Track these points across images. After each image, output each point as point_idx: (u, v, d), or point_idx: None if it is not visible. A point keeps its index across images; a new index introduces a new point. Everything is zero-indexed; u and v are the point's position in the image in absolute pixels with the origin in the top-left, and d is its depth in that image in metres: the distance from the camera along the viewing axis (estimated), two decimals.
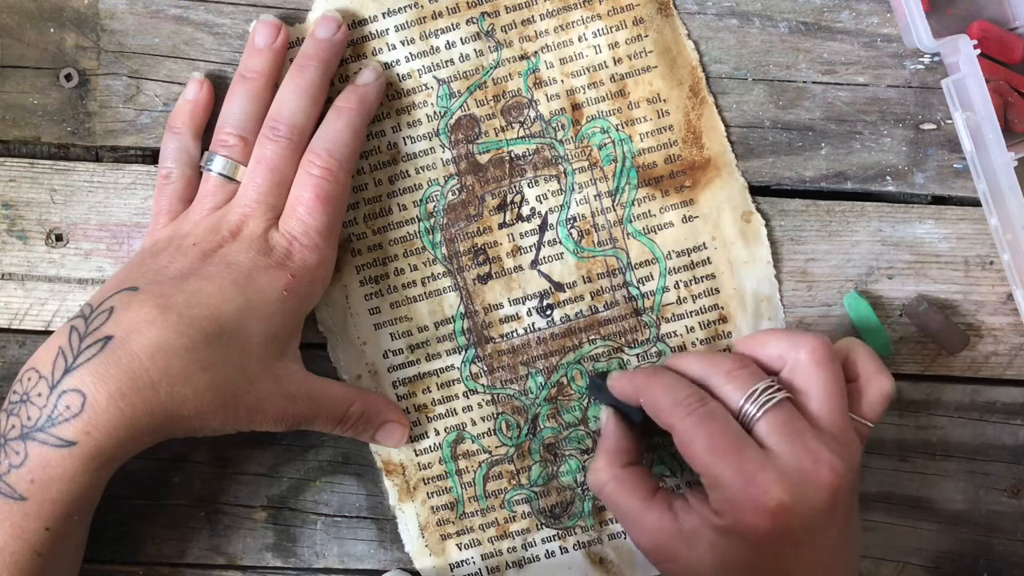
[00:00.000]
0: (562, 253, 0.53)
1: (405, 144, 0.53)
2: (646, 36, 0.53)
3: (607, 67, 0.53)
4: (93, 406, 0.42)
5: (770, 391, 0.45)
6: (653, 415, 0.47)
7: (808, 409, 0.45)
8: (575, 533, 0.54)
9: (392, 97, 0.53)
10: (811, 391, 0.46)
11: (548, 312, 0.53)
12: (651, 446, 0.53)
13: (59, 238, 0.53)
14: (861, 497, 0.50)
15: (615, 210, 0.53)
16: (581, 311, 0.53)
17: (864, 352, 0.48)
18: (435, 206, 0.53)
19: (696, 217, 0.53)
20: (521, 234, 0.53)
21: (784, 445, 0.44)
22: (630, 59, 0.53)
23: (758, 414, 0.45)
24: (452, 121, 0.53)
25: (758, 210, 0.53)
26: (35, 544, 0.43)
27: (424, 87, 0.53)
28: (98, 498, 0.47)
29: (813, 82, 0.54)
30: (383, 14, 0.52)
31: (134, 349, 0.43)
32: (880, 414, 0.47)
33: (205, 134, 0.52)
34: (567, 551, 0.54)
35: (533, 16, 0.52)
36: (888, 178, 0.54)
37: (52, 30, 0.53)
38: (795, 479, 0.43)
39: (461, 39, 0.52)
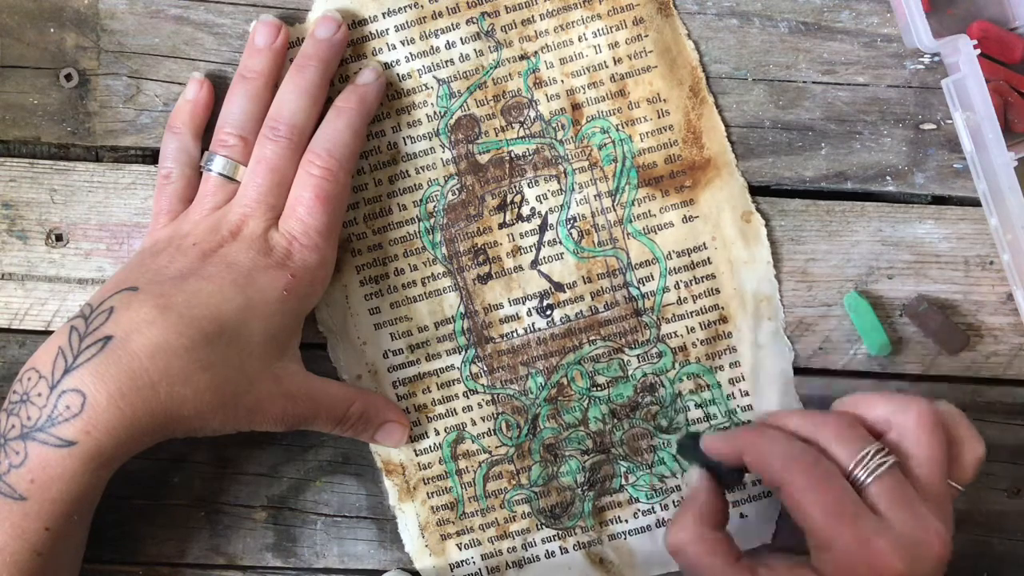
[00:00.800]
0: (562, 253, 0.53)
1: (405, 144, 0.53)
2: (646, 36, 0.53)
3: (607, 67, 0.53)
4: (93, 406, 0.42)
5: (880, 455, 0.44)
6: (760, 471, 0.45)
7: (913, 475, 0.44)
8: (575, 533, 0.54)
9: (392, 97, 0.53)
10: (920, 457, 0.44)
11: (548, 312, 0.53)
12: (651, 446, 0.53)
13: (59, 238, 0.53)
14: None
15: (615, 210, 0.53)
16: (581, 311, 0.53)
17: (960, 418, 0.47)
18: (435, 206, 0.53)
19: (696, 217, 0.53)
20: (521, 234, 0.53)
21: (897, 513, 0.43)
22: (630, 59, 0.53)
23: (869, 479, 0.43)
24: (452, 121, 0.53)
25: (758, 210, 0.53)
26: (35, 544, 0.43)
27: (424, 87, 0.53)
28: (98, 498, 0.47)
29: (813, 82, 0.54)
30: (383, 14, 0.52)
31: (134, 349, 0.43)
32: (972, 478, 0.46)
33: (205, 134, 0.52)
34: (567, 551, 0.54)
35: (533, 16, 0.52)
36: (888, 178, 0.54)
37: (52, 30, 0.53)
38: (910, 549, 0.42)
39: (461, 39, 0.52)
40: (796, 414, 0.47)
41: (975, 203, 0.54)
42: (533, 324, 0.53)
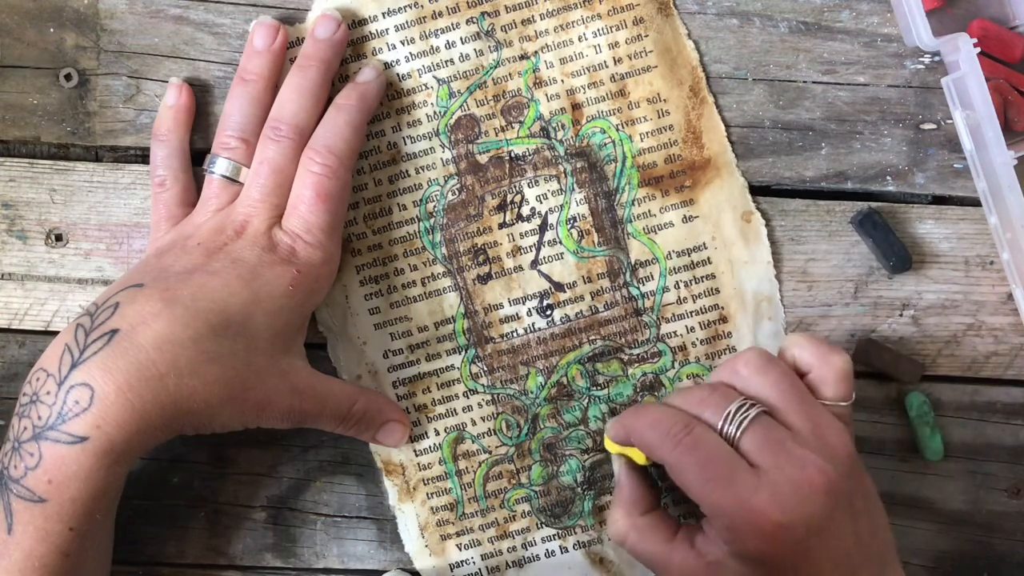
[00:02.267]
0: (562, 253, 0.53)
1: (405, 144, 0.53)
2: (646, 36, 0.53)
3: (607, 67, 0.53)
4: (102, 399, 0.43)
5: (744, 409, 0.45)
6: (645, 451, 0.47)
7: (779, 417, 0.45)
8: (575, 533, 0.54)
9: (392, 97, 0.53)
10: (769, 399, 0.45)
11: (548, 312, 0.53)
12: None
13: (59, 238, 0.53)
14: None
15: (615, 210, 0.53)
16: (581, 311, 0.53)
17: (805, 342, 0.47)
18: (435, 206, 0.53)
19: (696, 217, 0.53)
20: (521, 234, 0.53)
21: (770, 458, 0.43)
22: (630, 59, 0.53)
23: (738, 433, 0.44)
24: (452, 121, 0.53)
25: (758, 210, 0.53)
26: (60, 545, 0.43)
27: (424, 87, 0.53)
28: (118, 495, 0.47)
29: (813, 82, 0.54)
30: (383, 14, 0.52)
31: (140, 341, 0.43)
32: (848, 390, 0.47)
33: (193, 134, 0.52)
34: (567, 551, 0.54)
35: (533, 16, 0.52)
36: (888, 178, 0.54)
37: (52, 30, 0.53)
38: (787, 493, 0.43)
39: (461, 39, 0.52)
40: (670, 395, 0.48)
41: (975, 203, 0.54)
42: (533, 324, 0.53)
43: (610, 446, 0.50)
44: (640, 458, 0.49)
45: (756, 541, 0.43)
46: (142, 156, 0.54)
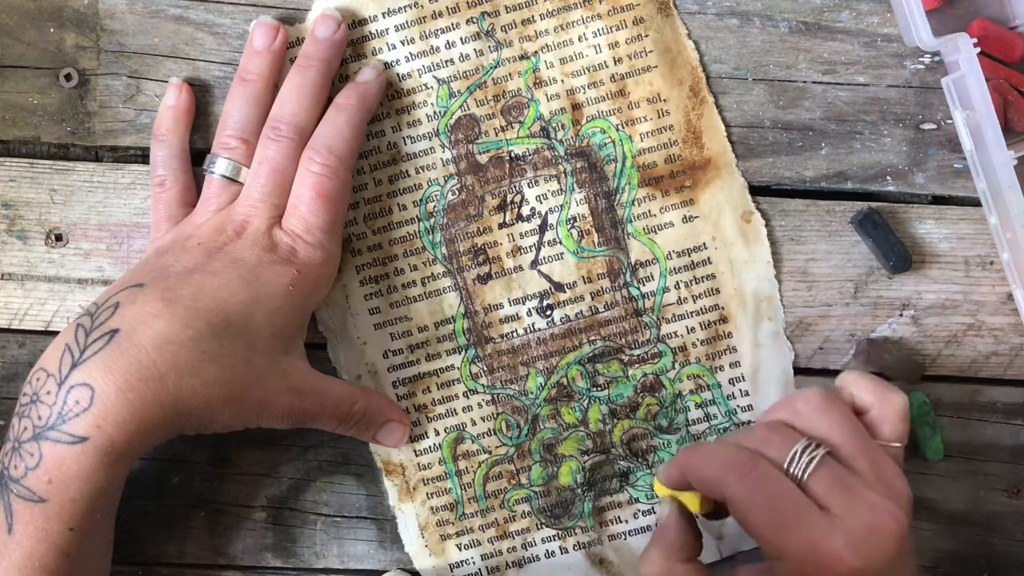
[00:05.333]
0: (562, 253, 0.53)
1: (405, 144, 0.53)
2: (646, 36, 0.53)
3: (607, 67, 0.53)
4: (102, 399, 0.42)
5: (810, 449, 0.43)
6: (705, 489, 0.45)
7: (841, 458, 0.43)
8: (575, 533, 0.54)
9: (392, 97, 0.53)
10: (831, 440, 0.44)
11: (548, 312, 0.53)
12: (652, 447, 0.53)
13: (59, 238, 0.53)
14: None
15: (615, 210, 0.53)
16: (581, 311, 0.53)
17: (863, 381, 0.46)
18: (435, 206, 0.53)
19: (696, 217, 0.53)
20: (521, 234, 0.53)
21: (841, 501, 0.42)
22: (630, 59, 0.53)
23: (805, 474, 0.42)
24: (452, 121, 0.53)
25: (758, 210, 0.53)
26: (61, 545, 0.43)
27: (424, 87, 0.53)
28: (118, 495, 0.47)
29: (813, 82, 0.54)
30: (383, 14, 0.52)
31: (140, 341, 0.43)
32: (904, 431, 0.46)
33: (193, 134, 0.52)
34: (567, 551, 0.54)
35: (533, 16, 0.52)
36: (888, 178, 0.54)
37: (52, 30, 0.53)
38: (863, 540, 0.41)
39: (461, 39, 0.52)
40: (726, 438, 0.46)
41: (975, 203, 0.54)
42: (533, 324, 0.53)
43: (660, 489, 0.48)
44: (693, 504, 0.46)
45: None
46: (142, 156, 0.54)
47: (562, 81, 0.53)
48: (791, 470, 0.43)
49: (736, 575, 0.45)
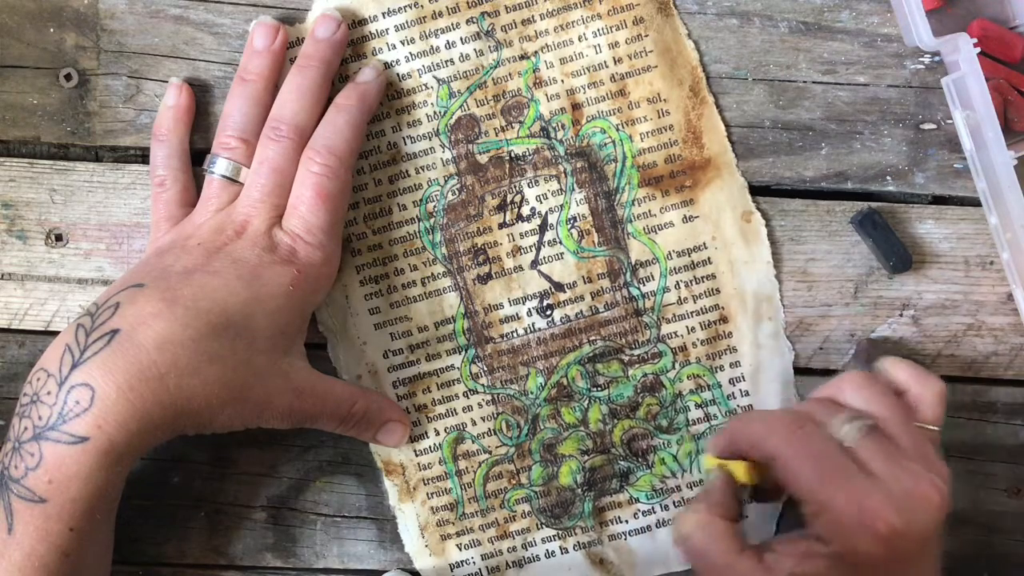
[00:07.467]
0: (562, 253, 0.53)
1: (405, 144, 0.53)
2: (646, 36, 0.53)
3: (607, 67, 0.53)
4: (102, 399, 0.43)
5: (855, 418, 0.44)
6: (753, 448, 0.46)
7: (886, 434, 0.45)
8: (575, 533, 0.54)
9: (392, 97, 0.53)
10: (874, 414, 0.45)
11: (548, 312, 0.53)
12: (652, 447, 0.53)
13: (59, 238, 0.53)
14: None
15: (615, 210, 0.53)
16: (581, 311, 0.53)
17: (902, 363, 0.48)
18: (435, 206, 0.53)
19: (696, 217, 0.53)
20: (521, 234, 0.53)
21: (885, 467, 0.43)
22: (630, 59, 0.53)
23: (851, 442, 0.44)
24: (452, 121, 0.53)
25: (758, 210, 0.53)
26: (61, 546, 0.43)
27: (424, 87, 0.53)
28: (119, 496, 0.47)
29: (813, 82, 0.54)
30: (383, 14, 0.52)
31: (141, 341, 0.43)
32: (942, 415, 0.47)
33: (193, 134, 0.52)
34: (567, 551, 0.54)
35: (533, 16, 0.52)
36: (888, 178, 0.54)
37: (52, 30, 0.53)
38: (905, 503, 0.42)
39: (461, 39, 0.52)
40: (774, 410, 0.48)
41: (975, 203, 0.54)
42: (533, 324, 0.53)
43: (709, 461, 0.48)
44: (741, 472, 0.46)
45: (867, 542, 0.42)
46: (142, 156, 0.54)
47: (562, 81, 0.53)
48: (838, 436, 0.44)
49: (774, 546, 0.44)
